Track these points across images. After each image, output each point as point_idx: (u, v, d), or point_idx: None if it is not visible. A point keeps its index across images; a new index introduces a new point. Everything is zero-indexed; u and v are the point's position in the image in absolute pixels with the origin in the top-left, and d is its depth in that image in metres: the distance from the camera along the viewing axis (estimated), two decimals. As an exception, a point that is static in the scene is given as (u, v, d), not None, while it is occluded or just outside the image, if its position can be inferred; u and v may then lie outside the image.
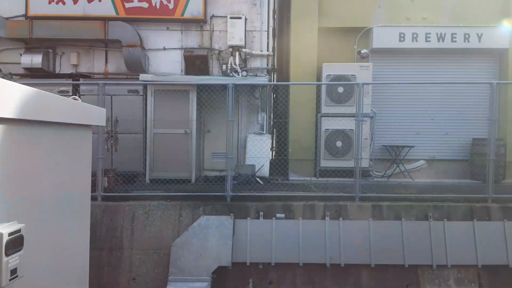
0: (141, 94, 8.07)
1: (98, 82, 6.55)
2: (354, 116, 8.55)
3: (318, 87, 8.87)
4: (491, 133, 6.37)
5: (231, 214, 6.14)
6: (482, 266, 5.88)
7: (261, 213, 6.17)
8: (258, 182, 8.00)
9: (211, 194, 6.48)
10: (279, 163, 8.72)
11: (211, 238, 5.91)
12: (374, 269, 5.90)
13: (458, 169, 9.09)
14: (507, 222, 6.01)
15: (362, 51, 9.01)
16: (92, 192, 6.40)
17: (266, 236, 6.01)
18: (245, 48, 8.74)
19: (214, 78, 8.10)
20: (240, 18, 8.58)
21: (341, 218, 6.09)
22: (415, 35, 8.85)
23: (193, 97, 8.00)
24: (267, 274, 5.98)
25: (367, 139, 8.74)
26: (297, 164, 8.94)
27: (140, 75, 7.80)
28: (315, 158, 8.85)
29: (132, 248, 6.08)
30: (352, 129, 8.64)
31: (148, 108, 7.93)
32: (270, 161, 8.82)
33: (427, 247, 5.92)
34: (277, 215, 6.13)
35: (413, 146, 8.98)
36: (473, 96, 9.08)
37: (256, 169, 8.12)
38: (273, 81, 9.36)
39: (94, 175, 6.38)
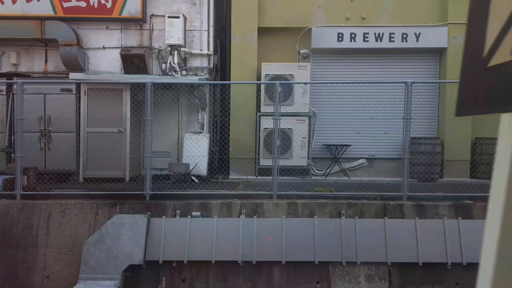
0: (74, 92, 8.07)
1: (17, 81, 6.55)
2: (293, 116, 8.71)
3: (259, 86, 8.93)
4: (406, 131, 6.45)
5: (148, 212, 6.17)
6: (392, 263, 5.97)
7: (178, 211, 6.21)
8: (193, 181, 8.06)
9: (131, 193, 6.51)
10: (221, 162, 8.77)
11: (124, 237, 5.94)
12: (285, 266, 5.96)
13: (398, 167, 9.17)
14: (419, 220, 6.09)
15: (301, 51, 9.09)
16: (10, 190, 6.45)
17: (181, 235, 6.04)
18: (184, 47, 8.78)
19: (136, 77, 8.08)
20: (178, 17, 8.60)
21: (255, 216, 6.15)
22: (353, 35, 8.94)
23: (126, 96, 8.02)
24: (180, 272, 6.02)
25: (305, 138, 8.82)
26: (239, 163, 9.00)
27: (70, 74, 7.82)
28: (256, 157, 8.92)
29: (47, 246, 6.09)
30: (291, 128, 8.76)
31: (82, 107, 7.94)
32: (213, 159, 8.90)
33: (338, 244, 5.99)
34: (193, 213, 6.17)
35: (350, 145, 9.08)
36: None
37: (192, 167, 8.17)
38: (217, 80, 9.37)
39: (13, 173, 6.42)
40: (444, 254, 5.93)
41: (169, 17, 8.59)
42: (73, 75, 7.73)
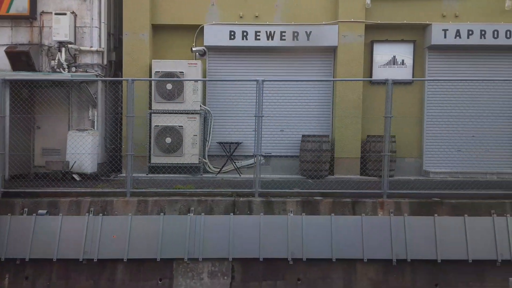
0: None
1: None
2: (183, 113, 8.72)
3: (151, 84, 8.91)
4: (258, 129, 6.47)
5: (-4, 210, 6.12)
6: (236, 259, 6.01)
7: (26, 209, 6.17)
8: (74, 179, 8.03)
9: (-17, 190, 6.45)
10: (114, 160, 8.73)
11: (-37, 235, 5.89)
12: (129, 263, 5.97)
13: (294, 165, 9.26)
14: (264, 216, 6.14)
15: (194, 49, 9.10)
16: None
17: (26, 233, 6.01)
18: (74, 44, 8.72)
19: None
20: (65, 14, 8.54)
21: (101, 214, 6.14)
22: (245, 33, 8.96)
23: (5, 93, 7.91)
24: (23, 270, 5.99)
25: (196, 135, 8.83)
26: (133, 160, 8.94)
27: None
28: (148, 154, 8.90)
29: None
30: (182, 126, 8.77)
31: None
32: (110, 157, 8.88)
33: (182, 241, 6.01)
34: (39, 211, 6.14)
35: (241, 142, 9.12)
36: (307, 94, 9.25)
37: (72, 165, 8.13)
38: (110, 77, 9.30)
39: None
40: (286, 249, 5.99)
41: (56, 14, 8.53)
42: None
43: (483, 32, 8.79)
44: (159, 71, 8.75)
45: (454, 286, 5.98)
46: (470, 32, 8.79)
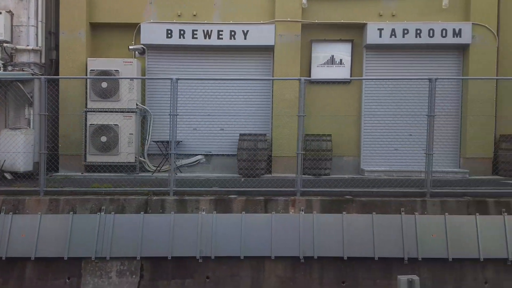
0: None
1: None
2: (119, 111, 8.71)
3: (87, 82, 8.89)
4: (173, 127, 6.47)
5: None
6: (146, 258, 6.03)
7: None
8: (5, 178, 8.01)
9: None
10: (51, 158, 8.70)
11: None
12: (37, 262, 5.96)
13: (233, 163, 9.27)
14: (176, 215, 6.16)
15: (130, 47, 9.09)
16: None
17: None
18: (11, 43, 8.69)
19: None
20: (0, 13, 8.51)
21: (11, 213, 6.13)
22: (182, 32, 8.97)
23: None
24: None
25: (132, 134, 8.82)
26: (68, 159, 8.95)
27: None
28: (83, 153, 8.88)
29: None
30: (117, 124, 8.75)
31: None
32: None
33: (92, 240, 6.00)
34: None
35: (181, 141, 9.13)
36: (244, 92, 9.28)
37: (8, 163, 8.11)
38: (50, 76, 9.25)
39: None
40: (196, 248, 6.01)
41: (-11, 12, 8.49)
42: None
43: (418, 31, 8.86)
44: (94, 69, 8.74)
45: (361, 284, 6.03)
46: (406, 31, 8.85)
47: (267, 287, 6.01)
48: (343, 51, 9.25)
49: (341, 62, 9.26)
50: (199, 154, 9.43)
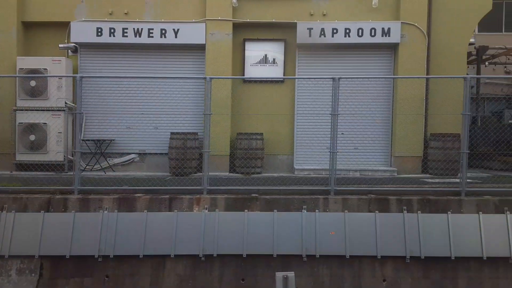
0: None
1: None
2: (48, 110, 8.68)
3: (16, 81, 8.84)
4: (77, 125, 6.46)
5: None
6: (46, 256, 6.00)
7: None
8: None
9: None
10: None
11: None
12: None
13: (167, 162, 9.26)
14: (76, 214, 6.14)
15: (60, 46, 9.06)
16: None
17: None
18: None
19: None
20: None
21: None
22: (112, 30, 8.95)
23: None
24: None
25: (61, 132, 8.79)
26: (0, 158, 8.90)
27: None
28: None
29: None
30: (46, 123, 8.72)
31: None
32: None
33: (-9, 239, 5.98)
34: None
35: (113, 140, 9.11)
36: (178, 91, 9.27)
37: None
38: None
39: None
40: (96, 247, 5.99)
41: None
42: None
43: (347, 31, 8.91)
44: (23, 68, 8.70)
45: (260, 281, 6.05)
46: (335, 31, 8.90)
47: (166, 286, 6.01)
48: (276, 50, 9.29)
49: (274, 61, 9.29)
50: (132, 153, 9.41)
